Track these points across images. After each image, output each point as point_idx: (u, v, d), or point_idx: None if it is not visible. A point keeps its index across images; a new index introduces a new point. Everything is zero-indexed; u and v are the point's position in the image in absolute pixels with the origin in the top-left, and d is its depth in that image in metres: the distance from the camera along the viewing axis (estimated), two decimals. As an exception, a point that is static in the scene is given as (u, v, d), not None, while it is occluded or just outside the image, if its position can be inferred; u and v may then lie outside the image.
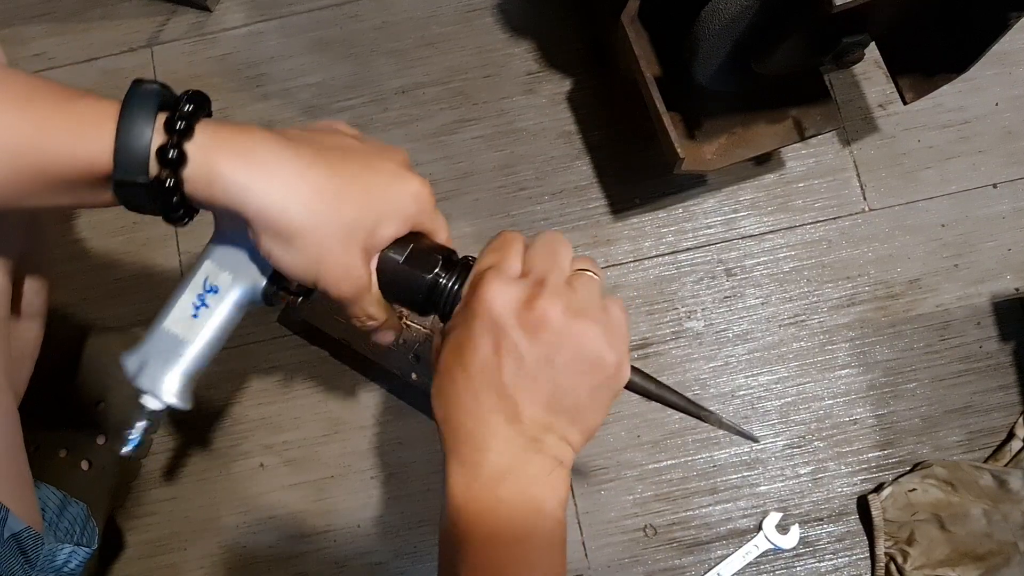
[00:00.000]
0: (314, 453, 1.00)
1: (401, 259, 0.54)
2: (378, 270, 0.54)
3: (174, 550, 0.99)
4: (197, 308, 0.55)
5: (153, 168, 0.46)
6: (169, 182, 0.46)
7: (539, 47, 1.08)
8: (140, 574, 0.99)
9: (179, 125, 0.46)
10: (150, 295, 1.04)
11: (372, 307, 0.55)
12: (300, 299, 0.60)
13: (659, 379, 0.57)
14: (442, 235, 0.57)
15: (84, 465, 0.93)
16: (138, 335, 1.01)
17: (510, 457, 0.49)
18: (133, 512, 0.99)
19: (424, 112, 1.06)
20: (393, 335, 0.60)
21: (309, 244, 0.49)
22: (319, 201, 0.48)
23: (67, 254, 1.05)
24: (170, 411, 0.56)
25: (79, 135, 0.45)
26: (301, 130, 0.53)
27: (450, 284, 0.54)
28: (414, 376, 0.94)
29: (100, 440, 0.94)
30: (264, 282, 0.55)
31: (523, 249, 0.53)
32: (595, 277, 0.52)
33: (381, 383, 1.01)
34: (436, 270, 0.54)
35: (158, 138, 0.46)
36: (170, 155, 0.45)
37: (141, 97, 0.47)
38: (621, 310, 0.52)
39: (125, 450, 0.58)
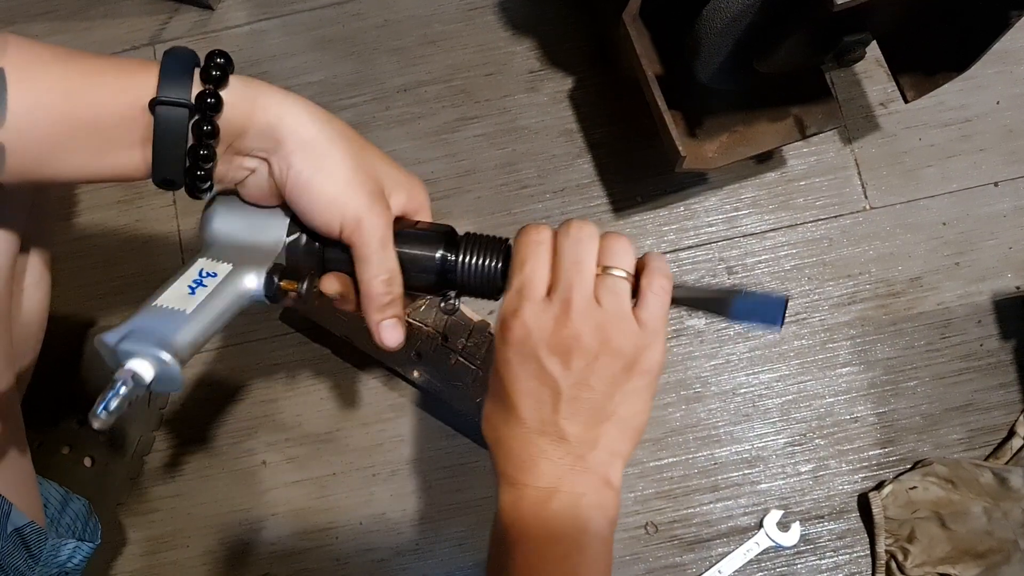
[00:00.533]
0: (316, 450, 1.00)
1: (406, 235, 0.56)
2: (404, 247, 0.56)
3: (177, 547, 0.99)
4: (193, 288, 0.51)
5: (194, 95, 0.48)
6: (211, 99, 0.48)
7: (541, 45, 1.08)
8: (143, 571, 0.99)
9: (218, 59, 0.49)
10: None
11: (391, 260, 0.55)
12: (305, 285, 0.55)
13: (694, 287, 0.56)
14: (407, 205, 0.60)
15: (87, 462, 0.94)
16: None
17: (556, 478, 0.51)
18: (136, 509, 1.00)
19: (426, 110, 1.07)
20: (402, 332, 0.59)
21: (340, 164, 0.52)
22: (346, 132, 0.53)
23: (70, 251, 1.05)
24: (155, 385, 0.47)
25: (126, 76, 0.48)
26: None
27: (458, 256, 0.57)
28: (416, 374, 0.95)
29: (103, 437, 0.95)
30: (268, 267, 0.53)
31: (548, 254, 0.53)
32: (621, 277, 0.52)
33: (383, 381, 1.01)
34: (440, 245, 0.57)
35: (197, 81, 0.49)
36: (213, 73, 0.48)
37: (181, 50, 0.50)
38: (655, 299, 0.52)
39: (96, 414, 0.44)
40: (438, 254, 0.57)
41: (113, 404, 0.44)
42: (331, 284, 0.57)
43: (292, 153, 0.51)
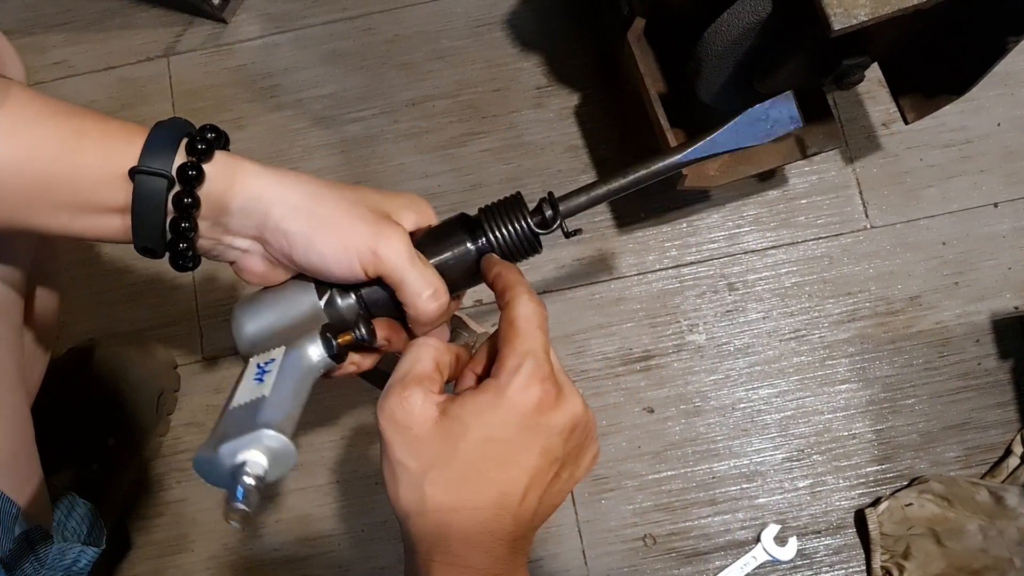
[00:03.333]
0: (320, 458, 1.01)
1: (429, 239, 0.55)
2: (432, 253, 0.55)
3: (181, 551, 1.01)
4: (260, 378, 0.49)
5: (176, 165, 0.48)
6: (192, 171, 0.48)
7: (547, 62, 1.09)
8: (148, 574, 1.00)
9: (208, 135, 0.49)
10: (162, 300, 1.06)
11: (430, 270, 0.53)
12: (363, 333, 0.52)
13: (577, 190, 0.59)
14: (412, 220, 0.58)
15: (94, 467, 0.95)
16: (151, 337, 1.03)
17: (498, 561, 0.46)
18: (141, 513, 1.01)
19: (434, 124, 1.08)
20: (447, 331, 0.58)
21: (333, 211, 0.50)
22: (332, 184, 0.52)
23: (82, 259, 1.07)
24: (273, 467, 0.44)
25: (111, 143, 0.48)
26: None
27: (487, 236, 0.55)
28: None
29: (111, 442, 0.96)
30: (318, 330, 0.50)
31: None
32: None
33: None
34: (466, 235, 0.55)
35: (182, 152, 0.49)
36: (199, 146, 0.49)
37: (172, 122, 0.51)
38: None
39: (233, 510, 0.42)
40: (470, 245, 0.55)
41: (241, 506, 0.41)
42: (379, 332, 0.54)
43: (283, 220, 0.50)
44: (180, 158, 0.48)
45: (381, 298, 0.54)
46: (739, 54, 0.75)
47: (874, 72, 0.88)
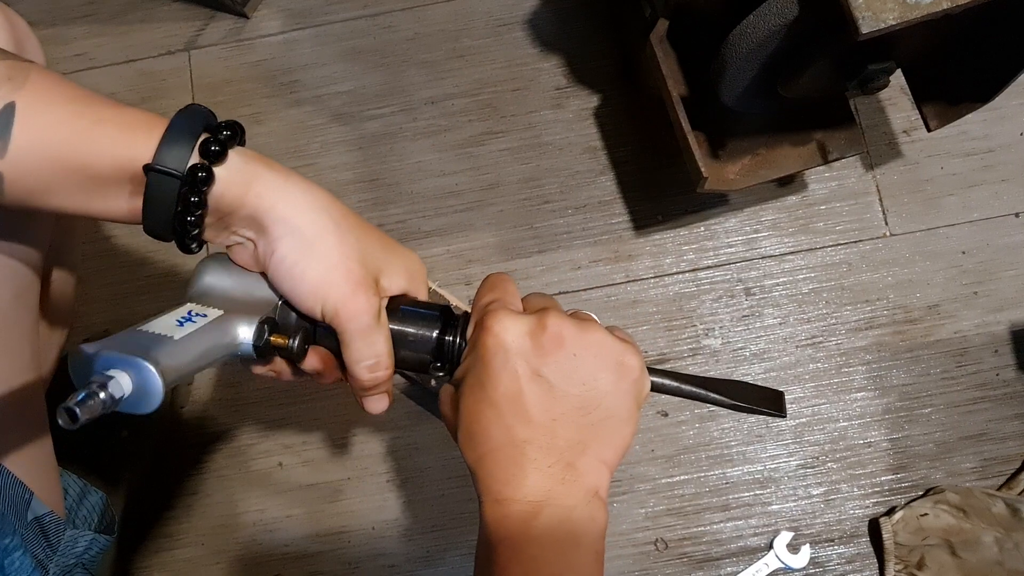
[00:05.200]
0: (332, 455, 1.01)
1: (403, 314, 0.55)
2: (399, 329, 0.55)
3: (191, 545, 1.01)
4: (182, 322, 0.48)
5: (192, 159, 0.48)
6: (202, 173, 0.48)
7: (568, 63, 1.09)
8: (157, 567, 1.00)
9: (223, 133, 0.49)
10: (177, 294, 1.05)
11: (381, 344, 0.54)
12: (296, 344, 0.53)
13: (680, 372, 0.56)
14: (405, 286, 0.58)
15: (106, 457, 0.95)
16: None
17: (545, 490, 0.48)
18: (152, 506, 1.01)
19: (452, 123, 1.08)
20: (387, 403, 0.59)
21: (328, 252, 0.51)
22: (343, 220, 0.52)
23: (98, 250, 1.07)
24: (133, 399, 0.42)
25: (129, 133, 0.48)
26: None
27: (456, 336, 0.55)
28: (433, 383, 0.96)
29: (123, 433, 0.96)
30: (260, 317, 0.51)
31: (515, 288, 0.54)
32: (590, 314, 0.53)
33: (400, 388, 1.02)
34: (438, 323, 0.55)
35: (195, 154, 0.48)
36: (212, 148, 0.48)
37: (191, 111, 0.50)
38: (624, 333, 0.53)
39: (63, 407, 0.38)
40: (434, 333, 0.55)
41: (80, 411, 0.38)
42: (311, 360, 0.56)
43: (278, 240, 0.50)
44: (195, 157, 0.48)
45: (332, 338, 0.54)
46: (764, 57, 0.74)
47: (897, 79, 0.87)
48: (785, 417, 0.55)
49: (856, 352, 1.01)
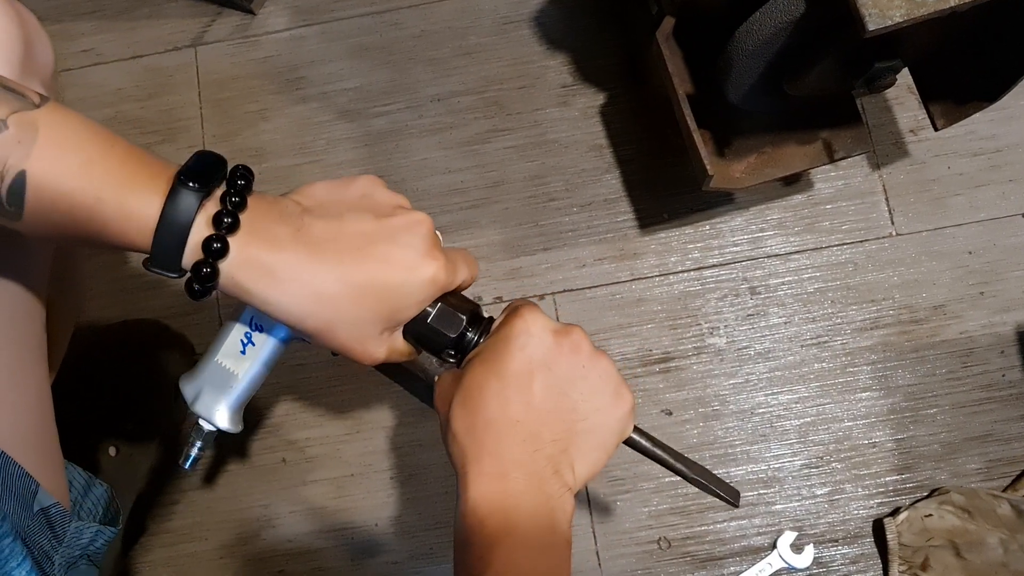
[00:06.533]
0: (335, 451, 1.02)
1: (429, 318, 0.57)
2: (407, 326, 0.57)
3: (195, 539, 1.01)
4: (244, 345, 0.62)
5: (188, 260, 0.49)
6: (196, 287, 0.50)
7: (574, 60, 1.09)
8: (161, 561, 1.01)
9: (215, 245, 0.48)
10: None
11: (396, 359, 0.59)
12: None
13: (656, 438, 0.62)
14: (467, 282, 0.60)
15: (111, 451, 0.95)
16: (171, 325, 1.03)
17: (531, 474, 0.51)
18: (157, 500, 1.01)
19: (458, 120, 1.08)
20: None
21: (328, 340, 0.54)
22: (336, 309, 0.52)
23: (105, 245, 1.07)
24: (221, 433, 0.64)
25: (126, 218, 0.48)
26: (328, 217, 0.54)
27: (475, 338, 0.58)
28: (438, 379, 0.96)
29: (129, 427, 0.96)
30: None
31: None
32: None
33: (404, 385, 1.02)
34: (461, 329, 0.57)
35: (191, 256, 0.49)
36: (203, 271, 0.49)
37: (183, 202, 0.48)
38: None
39: (185, 465, 0.66)
40: (453, 340, 0.58)
41: (195, 456, 0.66)
42: None
43: (285, 323, 0.53)
44: (192, 253, 0.48)
45: None
46: (770, 54, 0.74)
47: (904, 78, 0.87)
48: (737, 506, 0.66)
49: (861, 352, 1.01)
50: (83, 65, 1.12)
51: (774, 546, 0.96)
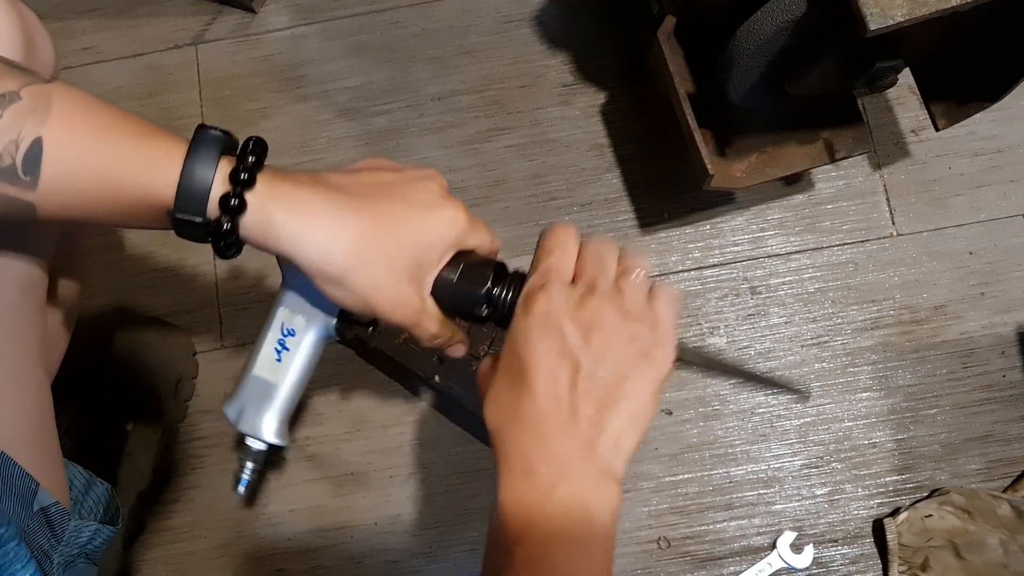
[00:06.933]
0: (336, 449, 1.01)
1: (455, 278, 0.56)
2: (436, 292, 0.56)
3: (195, 538, 1.01)
4: (279, 352, 0.61)
5: (212, 210, 0.49)
6: (227, 225, 0.49)
7: (575, 60, 1.09)
8: (161, 559, 1.01)
9: (243, 176, 0.49)
10: (183, 288, 1.06)
11: (433, 327, 0.57)
12: (371, 329, 0.64)
13: (703, 350, 0.59)
14: (487, 246, 0.59)
15: (111, 449, 0.95)
16: (171, 324, 1.03)
17: (563, 464, 0.50)
18: (157, 498, 1.01)
19: (459, 119, 1.08)
20: (464, 348, 0.62)
21: (357, 282, 0.52)
22: (361, 244, 0.52)
23: (106, 243, 1.07)
24: (271, 449, 0.62)
25: (150, 170, 0.49)
26: (344, 172, 0.55)
27: (504, 294, 0.56)
28: (437, 378, 0.96)
29: (128, 426, 0.96)
30: (334, 320, 0.59)
31: (575, 249, 0.55)
32: (640, 277, 0.53)
33: (405, 384, 1.02)
34: (488, 284, 0.56)
35: (219, 186, 0.49)
36: (232, 203, 0.49)
37: (205, 143, 0.50)
38: (668, 303, 0.53)
39: (240, 489, 0.63)
40: (481, 297, 0.57)
41: (249, 479, 0.63)
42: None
43: (312, 276, 0.52)
44: (214, 206, 0.49)
45: None
46: (771, 53, 0.74)
47: (905, 78, 0.87)
48: (808, 398, 0.59)
49: (862, 352, 1.01)
50: (84, 63, 1.12)
51: (774, 546, 0.96)
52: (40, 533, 0.61)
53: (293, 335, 0.61)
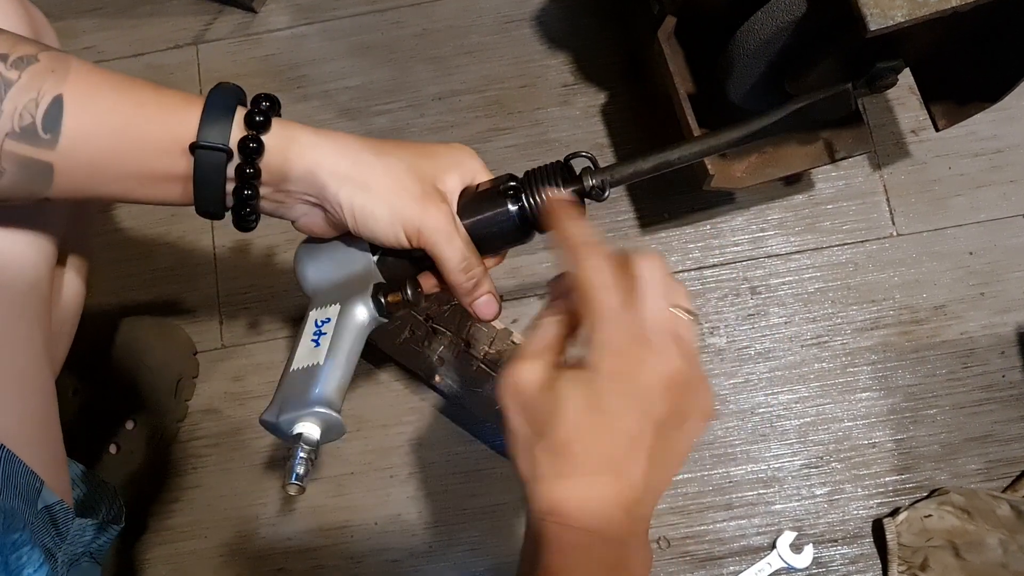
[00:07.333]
0: (335, 449, 1.02)
1: (473, 202, 0.56)
2: (474, 215, 0.57)
3: (195, 537, 1.01)
4: (316, 339, 0.56)
5: (235, 139, 0.51)
6: (252, 144, 0.50)
7: (575, 60, 1.09)
8: (161, 558, 1.01)
9: (263, 103, 0.52)
10: (185, 286, 1.06)
11: (466, 247, 0.56)
12: (411, 292, 0.58)
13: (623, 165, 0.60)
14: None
15: (112, 449, 0.95)
16: (172, 323, 1.03)
17: (621, 526, 0.45)
18: (157, 497, 1.01)
19: (460, 119, 1.08)
20: (495, 303, 0.60)
21: (383, 183, 0.54)
22: (381, 150, 0.55)
23: (108, 242, 1.07)
24: (325, 440, 0.53)
25: (170, 113, 0.50)
26: None
27: (531, 198, 0.57)
28: (437, 378, 0.96)
29: (129, 425, 0.96)
30: (370, 292, 0.56)
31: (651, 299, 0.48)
32: (691, 319, 0.49)
33: (404, 384, 1.02)
34: (508, 197, 0.57)
35: (241, 113, 0.51)
36: (256, 119, 0.51)
37: (225, 89, 0.52)
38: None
39: (291, 482, 0.53)
40: (511, 207, 0.57)
41: (300, 470, 0.51)
42: (428, 283, 0.61)
43: (338, 192, 0.53)
44: (238, 130, 0.51)
45: (426, 258, 0.57)
46: (771, 54, 0.74)
47: (905, 78, 0.87)
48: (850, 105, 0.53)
49: (862, 352, 1.01)
50: (84, 63, 1.12)
51: (773, 546, 0.96)
52: (44, 532, 0.61)
53: (328, 321, 0.56)
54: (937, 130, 0.86)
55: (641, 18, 1.06)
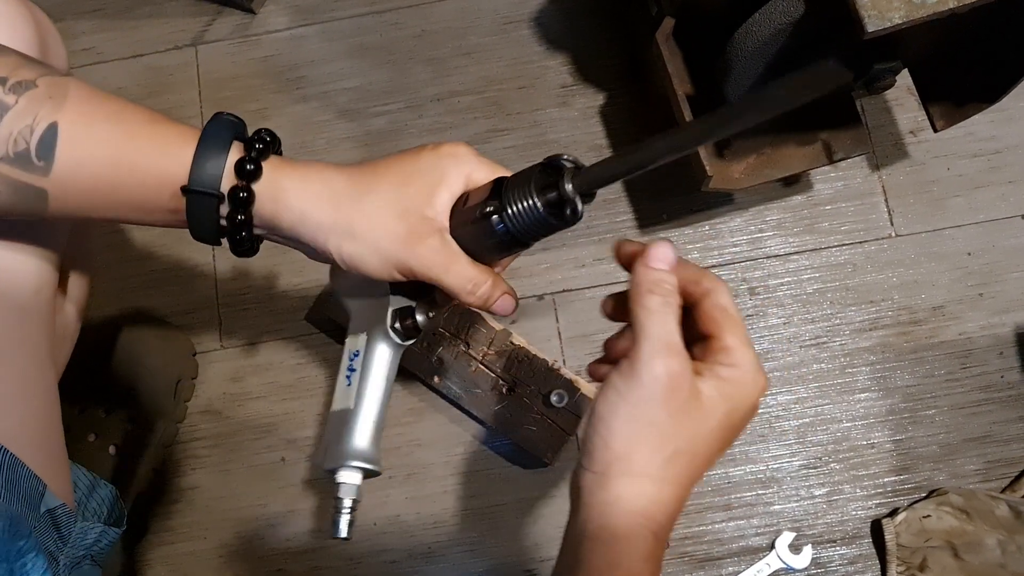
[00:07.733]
0: (335, 450, 1.01)
1: (464, 222, 0.54)
2: (462, 230, 0.54)
3: (194, 538, 1.01)
4: (349, 377, 0.61)
5: (226, 184, 0.51)
6: (243, 194, 0.50)
7: (574, 61, 1.09)
8: (160, 560, 1.01)
9: (257, 147, 0.51)
10: (183, 288, 1.06)
11: (467, 269, 0.55)
12: (423, 315, 0.60)
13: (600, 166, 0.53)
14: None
15: (111, 450, 0.96)
16: (171, 324, 1.03)
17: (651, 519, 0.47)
18: (156, 499, 1.01)
19: (458, 120, 1.08)
20: (512, 300, 0.58)
21: (368, 227, 0.53)
22: (364, 187, 0.53)
23: (107, 244, 1.07)
24: (366, 478, 0.61)
25: (163, 151, 0.50)
26: None
27: (511, 204, 0.52)
28: (436, 379, 0.96)
29: (128, 426, 0.96)
30: (387, 320, 0.59)
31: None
32: None
33: (403, 384, 1.02)
34: (492, 215, 0.53)
35: (235, 153, 0.51)
36: (247, 167, 0.50)
37: (220, 124, 0.52)
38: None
39: (340, 533, 0.61)
40: (496, 227, 0.52)
41: (348, 520, 0.60)
42: (443, 299, 0.61)
43: (326, 243, 0.53)
44: (228, 179, 0.50)
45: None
46: (769, 55, 0.74)
47: (903, 79, 0.87)
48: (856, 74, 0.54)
49: (860, 353, 1.01)
50: (84, 64, 1.12)
51: (772, 546, 0.97)
52: (47, 535, 0.61)
53: (358, 355, 0.61)
54: (935, 131, 0.86)
55: (640, 19, 1.06)
